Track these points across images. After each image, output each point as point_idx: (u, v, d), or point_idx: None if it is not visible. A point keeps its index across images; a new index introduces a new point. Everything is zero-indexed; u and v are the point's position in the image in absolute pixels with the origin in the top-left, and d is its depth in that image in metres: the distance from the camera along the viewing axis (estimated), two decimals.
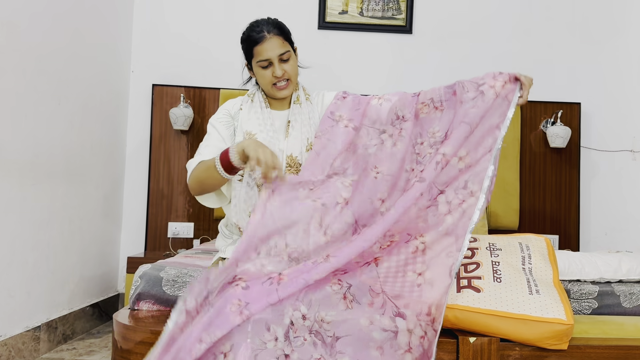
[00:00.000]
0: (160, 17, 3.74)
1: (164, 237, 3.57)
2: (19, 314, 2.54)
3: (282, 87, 1.81)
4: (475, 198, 1.64)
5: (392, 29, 3.79)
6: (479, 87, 1.74)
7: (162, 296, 1.78)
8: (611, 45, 3.84)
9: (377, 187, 1.70)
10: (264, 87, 1.84)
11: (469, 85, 1.76)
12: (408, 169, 1.73)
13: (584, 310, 1.83)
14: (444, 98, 1.78)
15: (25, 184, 2.57)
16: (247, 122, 1.83)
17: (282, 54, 1.78)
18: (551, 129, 3.58)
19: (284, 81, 1.80)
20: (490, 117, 1.72)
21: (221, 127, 1.84)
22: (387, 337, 1.44)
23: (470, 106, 1.71)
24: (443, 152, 1.68)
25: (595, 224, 3.79)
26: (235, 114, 1.86)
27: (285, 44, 1.79)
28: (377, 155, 1.75)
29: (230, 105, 1.89)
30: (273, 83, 1.81)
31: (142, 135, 3.69)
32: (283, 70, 1.79)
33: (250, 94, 1.90)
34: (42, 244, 2.72)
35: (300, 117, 1.84)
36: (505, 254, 1.78)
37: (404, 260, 1.59)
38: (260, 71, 1.81)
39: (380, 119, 1.81)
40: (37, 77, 2.65)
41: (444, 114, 1.76)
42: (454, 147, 1.68)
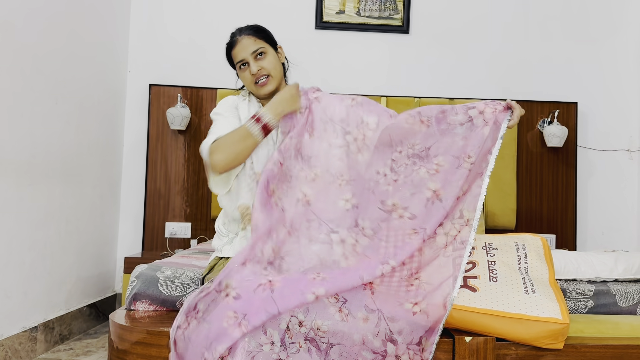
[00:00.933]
0: (157, 17, 3.73)
1: (162, 237, 3.57)
2: (15, 315, 2.54)
3: (262, 83, 1.81)
4: (469, 226, 1.64)
5: (389, 29, 3.79)
6: (468, 111, 1.71)
7: (159, 296, 1.78)
8: (608, 45, 3.85)
9: (342, 192, 1.71)
10: (249, 88, 1.86)
11: (458, 108, 1.73)
12: (380, 172, 1.73)
13: (580, 309, 1.84)
14: (432, 114, 1.74)
15: (22, 184, 2.57)
16: (247, 117, 1.83)
17: (255, 51, 1.80)
18: (548, 128, 3.58)
19: (264, 77, 1.81)
20: (483, 145, 1.70)
21: (228, 114, 1.83)
22: (375, 358, 1.46)
23: (460, 138, 1.69)
24: (434, 188, 1.66)
25: (592, 223, 3.79)
26: (237, 107, 1.87)
27: (259, 42, 1.82)
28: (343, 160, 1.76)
29: (230, 100, 1.90)
30: (254, 82, 1.82)
31: (139, 135, 3.69)
32: (259, 66, 1.80)
33: (244, 95, 1.92)
34: (39, 244, 2.72)
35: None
36: (501, 254, 1.78)
37: (402, 289, 1.58)
38: (241, 73, 1.84)
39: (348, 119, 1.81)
40: (33, 77, 2.65)
41: (428, 129, 1.73)
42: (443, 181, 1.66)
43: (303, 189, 1.69)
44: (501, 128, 1.71)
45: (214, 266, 1.78)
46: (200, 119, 3.63)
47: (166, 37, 3.73)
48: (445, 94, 3.76)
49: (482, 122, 1.70)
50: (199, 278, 1.82)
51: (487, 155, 1.69)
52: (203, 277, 1.79)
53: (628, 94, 3.83)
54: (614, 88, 3.84)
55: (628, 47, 3.84)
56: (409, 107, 3.60)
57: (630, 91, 3.83)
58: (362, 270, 1.54)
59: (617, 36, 3.85)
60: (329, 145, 1.76)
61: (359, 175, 1.74)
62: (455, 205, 1.66)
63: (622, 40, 3.85)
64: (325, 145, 1.76)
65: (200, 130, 3.61)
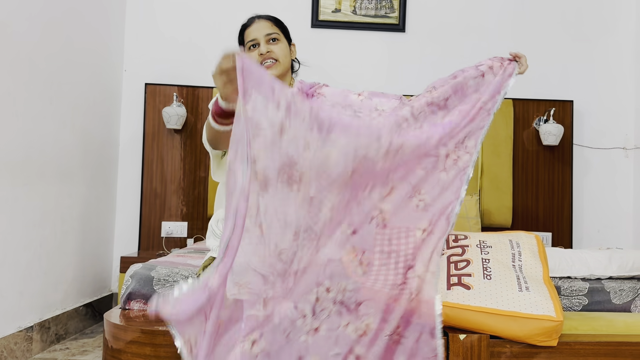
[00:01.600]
0: (152, 16, 3.73)
1: (158, 237, 3.57)
2: (11, 314, 2.54)
3: (267, 65, 1.80)
4: (469, 154, 1.63)
5: (385, 27, 3.79)
6: (478, 67, 1.74)
7: (153, 295, 1.78)
8: (603, 43, 3.85)
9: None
10: None
11: (468, 68, 1.75)
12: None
13: (574, 307, 1.84)
14: (445, 81, 1.75)
15: (17, 183, 2.56)
16: None
17: (270, 34, 1.81)
18: (544, 126, 3.59)
19: (270, 60, 1.80)
20: (492, 87, 1.72)
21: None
22: (400, 290, 1.47)
23: (473, 90, 1.71)
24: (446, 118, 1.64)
25: (588, 221, 3.80)
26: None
27: (275, 28, 1.82)
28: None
29: None
30: (260, 63, 1.80)
31: (135, 134, 3.68)
32: (269, 49, 1.79)
33: None
34: (35, 244, 2.72)
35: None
36: (496, 252, 1.79)
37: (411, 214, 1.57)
38: (250, 53, 1.82)
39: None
40: (28, 76, 2.64)
41: (443, 87, 1.73)
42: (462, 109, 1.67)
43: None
44: (513, 75, 1.75)
45: (207, 266, 1.78)
46: (197, 118, 3.62)
47: (162, 35, 3.72)
48: None
49: (492, 75, 1.73)
50: (193, 277, 1.82)
51: (495, 95, 1.70)
52: (197, 277, 1.79)
53: (623, 92, 3.84)
54: (610, 86, 3.84)
55: (623, 45, 3.85)
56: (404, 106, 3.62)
57: (626, 89, 3.84)
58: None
59: (613, 35, 3.86)
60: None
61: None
62: (460, 129, 1.65)
63: (618, 38, 3.86)
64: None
65: (197, 129, 3.61)
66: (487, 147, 3.64)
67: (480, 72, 1.71)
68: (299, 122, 1.39)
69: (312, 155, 1.40)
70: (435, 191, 1.58)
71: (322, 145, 1.42)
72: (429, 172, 1.60)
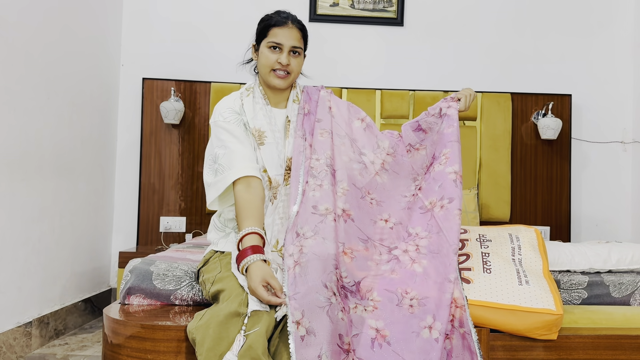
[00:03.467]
0: (149, 10, 3.71)
1: (156, 232, 3.56)
2: (10, 310, 2.53)
3: (280, 76, 1.79)
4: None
5: (384, 22, 3.78)
6: (440, 111, 1.91)
7: (153, 290, 1.77)
8: (601, 37, 3.85)
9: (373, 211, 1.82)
10: (263, 69, 1.80)
11: (430, 110, 1.93)
12: (408, 195, 1.85)
13: (573, 300, 1.84)
14: (419, 139, 1.92)
15: (15, 179, 2.55)
16: (255, 119, 1.78)
17: (295, 47, 1.80)
18: (542, 120, 3.59)
19: (284, 72, 1.79)
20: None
21: (232, 127, 1.76)
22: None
23: (445, 127, 1.87)
24: (454, 170, 1.81)
25: (586, 215, 3.80)
26: (239, 109, 1.80)
27: (301, 42, 1.82)
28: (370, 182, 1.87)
29: (230, 101, 1.82)
30: (273, 69, 1.79)
31: (133, 129, 3.67)
32: (289, 62, 1.79)
33: (248, 88, 1.86)
34: (33, 239, 2.71)
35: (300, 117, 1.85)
36: (495, 245, 1.79)
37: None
38: (267, 52, 1.79)
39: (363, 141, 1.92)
40: (25, 71, 2.63)
41: (426, 150, 1.92)
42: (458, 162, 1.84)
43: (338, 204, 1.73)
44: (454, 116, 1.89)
45: (209, 259, 1.77)
46: (194, 112, 3.61)
47: (159, 30, 3.70)
48: (439, 86, 3.76)
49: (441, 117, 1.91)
50: (193, 272, 1.82)
51: (451, 143, 1.87)
52: (198, 270, 1.79)
53: (621, 86, 3.84)
54: (608, 80, 3.84)
55: (621, 39, 3.84)
56: (403, 100, 3.62)
57: (624, 83, 3.84)
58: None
59: (611, 28, 3.85)
60: (348, 159, 1.84)
61: (387, 196, 1.85)
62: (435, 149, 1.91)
63: (616, 32, 3.85)
64: (345, 158, 1.83)
65: (194, 124, 3.60)
66: (485, 142, 3.64)
67: (437, 113, 1.91)
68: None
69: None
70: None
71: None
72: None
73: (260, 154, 1.75)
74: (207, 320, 1.48)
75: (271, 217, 1.75)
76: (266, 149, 1.76)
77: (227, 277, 1.60)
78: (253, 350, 1.39)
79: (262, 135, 1.77)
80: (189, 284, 1.79)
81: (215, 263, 1.72)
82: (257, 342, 1.40)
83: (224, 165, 1.71)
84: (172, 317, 1.64)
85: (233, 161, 1.70)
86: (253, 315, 1.46)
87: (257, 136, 1.77)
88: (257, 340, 1.41)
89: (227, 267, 1.66)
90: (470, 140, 3.63)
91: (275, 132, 1.79)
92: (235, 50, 3.74)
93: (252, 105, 1.81)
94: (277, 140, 1.77)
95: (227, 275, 1.61)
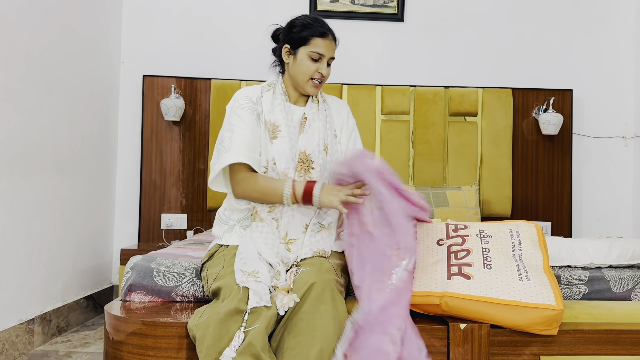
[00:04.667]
0: (149, 7, 3.71)
1: (158, 229, 3.57)
2: (12, 307, 2.54)
3: (317, 85, 1.84)
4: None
5: (384, 17, 3.77)
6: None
7: (154, 287, 1.78)
8: (603, 32, 3.84)
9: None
10: (301, 77, 1.82)
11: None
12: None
13: (574, 295, 1.84)
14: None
15: (16, 176, 2.56)
16: (271, 113, 1.81)
17: (332, 58, 1.85)
18: (543, 116, 3.58)
19: (320, 80, 1.84)
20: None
21: (244, 112, 1.80)
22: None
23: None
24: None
25: (588, 210, 3.80)
26: (257, 100, 1.83)
27: (334, 52, 1.86)
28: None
29: (250, 91, 1.86)
30: (311, 77, 1.82)
31: (134, 126, 3.67)
32: (328, 72, 1.84)
33: (270, 84, 1.89)
34: (35, 237, 2.71)
35: (318, 116, 1.87)
36: (496, 241, 1.78)
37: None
38: (307, 61, 1.81)
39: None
40: (25, 69, 2.63)
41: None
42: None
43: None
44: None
45: (214, 254, 1.78)
46: (195, 109, 3.61)
47: (159, 27, 3.70)
48: (440, 82, 3.75)
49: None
50: (194, 268, 1.82)
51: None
52: (202, 264, 1.79)
53: (623, 80, 3.83)
54: (609, 75, 3.83)
55: (623, 34, 3.83)
56: (404, 95, 3.62)
57: (625, 78, 3.83)
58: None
59: (612, 23, 3.84)
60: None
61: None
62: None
63: (617, 27, 3.84)
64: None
65: (195, 121, 3.60)
66: (486, 137, 3.63)
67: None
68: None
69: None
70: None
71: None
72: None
73: (272, 147, 1.78)
74: (207, 318, 1.49)
75: (280, 210, 1.76)
76: (279, 143, 1.78)
77: (228, 274, 1.61)
78: (253, 347, 1.39)
79: (277, 129, 1.79)
80: (190, 280, 1.80)
81: (220, 258, 1.72)
82: (257, 339, 1.41)
83: (226, 147, 1.76)
84: (173, 314, 1.65)
85: (233, 145, 1.75)
86: (253, 312, 1.47)
87: (271, 130, 1.79)
88: (257, 337, 1.41)
89: (231, 262, 1.66)
90: (471, 136, 3.63)
91: (290, 127, 1.81)
92: (235, 47, 3.74)
93: (271, 100, 1.84)
94: (290, 135, 1.80)
95: (229, 272, 1.62)
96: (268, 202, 1.75)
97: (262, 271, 1.58)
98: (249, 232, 1.75)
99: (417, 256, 1.75)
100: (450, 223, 1.92)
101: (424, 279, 1.67)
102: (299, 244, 1.75)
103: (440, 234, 1.84)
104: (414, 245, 1.68)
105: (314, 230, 1.77)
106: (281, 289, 1.56)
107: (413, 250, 1.67)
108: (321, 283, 1.54)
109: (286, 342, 1.47)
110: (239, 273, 1.58)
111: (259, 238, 1.72)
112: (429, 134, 3.62)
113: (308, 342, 1.44)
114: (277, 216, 1.77)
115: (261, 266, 1.61)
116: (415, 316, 1.66)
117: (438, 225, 1.90)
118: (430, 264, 1.73)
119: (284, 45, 1.85)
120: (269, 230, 1.74)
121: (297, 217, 1.77)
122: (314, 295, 1.51)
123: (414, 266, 1.68)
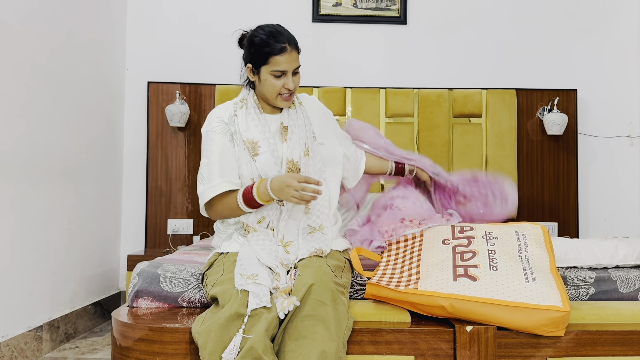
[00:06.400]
0: (153, 14, 3.73)
1: (164, 235, 3.58)
2: (20, 314, 2.56)
3: (286, 98, 1.83)
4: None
5: (387, 20, 3.77)
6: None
7: (161, 293, 1.78)
8: (607, 32, 3.83)
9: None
10: (268, 94, 1.82)
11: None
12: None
13: (581, 296, 1.84)
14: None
15: (23, 184, 2.57)
16: (248, 131, 1.81)
17: (296, 68, 1.82)
18: (548, 116, 3.57)
19: (289, 93, 1.82)
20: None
21: (217, 136, 1.81)
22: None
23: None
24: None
25: (594, 210, 3.79)
26: (229, 120, 1.83)
27: (298, 60, 1.83)
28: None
29: (222, 111, 1.86)
30: (279, 93, 1.81)
31: (139, 132, 3.69)
32: (295, 83, 1.81)
33: (242, 99, 1.88)
34: (42, 244, 2.73)
35: (297, 121, 1.86)
36: (502, 243, 1.78)
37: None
38: (271, 80, 1.79)
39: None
40: (31, 77, 2.65)
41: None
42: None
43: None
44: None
45: (214, 262, 1.79)
46: (200, 115, 3.62)
47: (163, 33, 3.72)
48: (444, 84, 3.75)
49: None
50: (200, 274, 1.83)
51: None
52: (203, 273, 1.80)
53: (628, 80, 3.81)
54: (614, 74, 3.82)
55: (627, 33, 3.82)
56: (407, 98, 3.62)
57: (630, 77, 3.81)
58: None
59: (616, 23, 3.83)
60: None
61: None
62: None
63: (621, 27, 3.83)
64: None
65: (200, 127, 3.61)
66: (491, 138, 3.63)
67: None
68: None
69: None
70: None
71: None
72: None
73: (255, 165, 1.78)
74: (209, 325, 1.49)
75: (276, 215, 1.77)
76: (261, 159, 1.78)
77: (228, 280, 1.61)
78: (254, 351, 1.39)
79: (256, 146, 1.79)
80: (197, 286, 1.80)
81: (219, 266, 1.73)
82: (258, 342, 1.41)
83: (203, 176, 1.82)
84: (180, 320, 1.65)
85: (212, 174, 1.80)
86: (253, 316, 1.47)
87: (251, 148, 1.79)
88: (258, 340, 1.41)
89: (230, 268, 1.67)
90: (475, 137, 3.62)
91: (269, 139, 1.80)
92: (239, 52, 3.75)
93: (245, 117, 1.83)
94: (271, 148, 1.79)
95: (229, 277, 1.62)
96: (238, 214, 1.79)
97: (262, 274, 1.59)
98: (247, 241, 1.76)
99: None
100: (456, 224, 1.93)
101: (429, 280, 1.67)
102: (296, 244, 1.77)
103: (446, 235, 1.85)
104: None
105: (305, 232, 1.80)
106: (282, 290, 1.56)
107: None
108: (320, 284, 1.54)
109: (287, 345, 1.47)
110: (238, 277, 1.59)
111: (256, 245, 1.73)
112: (433, 136, 3.62)
113: (309, 345, 1.44)
114: (272, 225, 1.78)
115: (261, 270, 1.61)
116: (421, 319, 1.66)
117: (444, 226, 1.91)
118: (435, 262, 1.73)
119: (246, 64, 1.85)
120: (265, 237, 1.76)
121: (289, 222, 1.80)
122: (313, 297, 1.52)
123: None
